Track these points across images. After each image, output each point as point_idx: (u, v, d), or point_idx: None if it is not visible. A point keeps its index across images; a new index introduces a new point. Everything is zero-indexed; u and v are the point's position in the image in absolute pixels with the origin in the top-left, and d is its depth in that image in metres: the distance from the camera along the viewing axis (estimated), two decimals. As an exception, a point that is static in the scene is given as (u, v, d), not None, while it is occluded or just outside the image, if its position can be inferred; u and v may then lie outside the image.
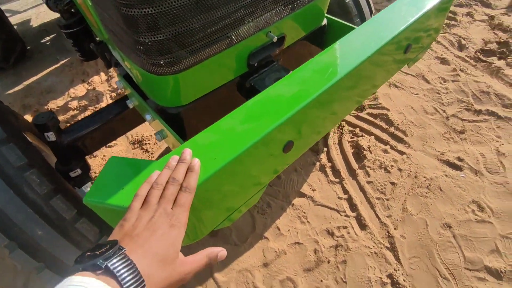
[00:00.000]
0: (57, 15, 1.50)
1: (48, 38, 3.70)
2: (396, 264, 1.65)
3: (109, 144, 2.17)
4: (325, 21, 1.26)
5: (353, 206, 1.89)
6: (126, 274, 0.37)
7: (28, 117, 2.61)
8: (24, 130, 1.48)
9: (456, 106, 2.37)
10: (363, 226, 1.80)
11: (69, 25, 1.62)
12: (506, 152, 2.04)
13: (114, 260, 0.38)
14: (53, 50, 3.48)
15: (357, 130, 2.28)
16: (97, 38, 1.41)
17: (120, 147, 2.37)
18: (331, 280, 1.63)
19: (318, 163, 2.13)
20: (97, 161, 2.28)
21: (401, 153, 2.13)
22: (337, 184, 2.02)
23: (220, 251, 0.54)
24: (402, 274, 1.61)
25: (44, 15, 4.10)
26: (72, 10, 1.43)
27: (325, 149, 2.20)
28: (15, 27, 3.78)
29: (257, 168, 0.76)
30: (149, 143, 2.35)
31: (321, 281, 1.63)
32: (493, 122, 2.24)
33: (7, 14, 4.15)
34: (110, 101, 2.73)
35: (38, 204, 1.06)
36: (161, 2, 0.67)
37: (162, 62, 0.80)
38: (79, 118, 2.58)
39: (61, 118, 2.60)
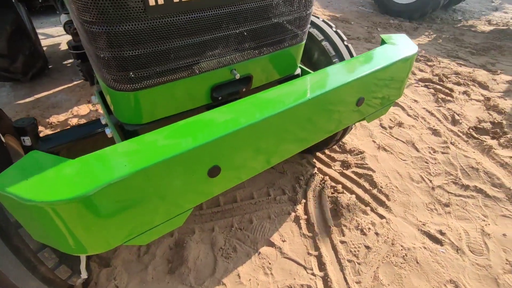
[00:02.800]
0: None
1: (70, 61, 4.01)
2: None
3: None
4: (298, 71, 1.33)
5: (321, 265, 1.77)
6: None
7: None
8: (5, 132, 1.54)
9: (444, 178, 2.33)
10: (328, 288, 1.66)
11: (77, 47, 1.78)
12: (491, 233, 1.93)
13: None
14: (71, 71, 3.74)
15: (339, 186, 2.24)
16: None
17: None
18: None
19: (293, 214, 2.06)
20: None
21: (381, 216, 2.05)
22: (309, 238, 1.92)
23: None
24: None
25: (74, 41, 4.50)
26: None
27: (304, 200, 2.14)
28: (44, 48, 4.14)
29: (176, 185, 0.75)
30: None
31: None
32: (480, 200, 2.16)
33: (42, 37, 4.59)
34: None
35: None
36: (117, 22, 0.74)
37: (120, 78, 0.85)
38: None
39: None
